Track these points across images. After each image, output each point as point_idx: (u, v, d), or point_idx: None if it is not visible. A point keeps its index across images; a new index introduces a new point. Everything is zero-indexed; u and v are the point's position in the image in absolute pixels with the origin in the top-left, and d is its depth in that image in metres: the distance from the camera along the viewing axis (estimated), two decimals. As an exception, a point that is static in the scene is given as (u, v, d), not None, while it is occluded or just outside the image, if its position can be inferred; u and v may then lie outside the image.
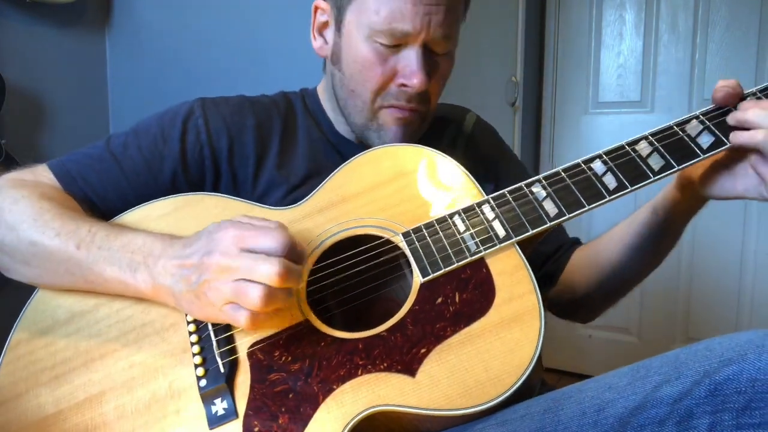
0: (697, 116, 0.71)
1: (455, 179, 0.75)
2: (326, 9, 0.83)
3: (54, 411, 0.65)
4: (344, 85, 0.82)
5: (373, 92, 0.80)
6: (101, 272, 0.67)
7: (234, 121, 0.84)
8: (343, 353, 0.63)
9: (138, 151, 0.81)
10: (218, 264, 0.59)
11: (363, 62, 0.78)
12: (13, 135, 1.72)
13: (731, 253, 2.18)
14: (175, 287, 0.63)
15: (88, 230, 0.69)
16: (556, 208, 0.69)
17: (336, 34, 0.82)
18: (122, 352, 0.68)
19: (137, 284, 0.66)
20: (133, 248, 0.67)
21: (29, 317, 0.72)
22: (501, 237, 0.68)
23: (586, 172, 0.70)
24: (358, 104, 0.82)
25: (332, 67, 0.84)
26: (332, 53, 0.83)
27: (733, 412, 0.49)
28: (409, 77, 0.77)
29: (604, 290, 0.89)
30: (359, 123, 0.83)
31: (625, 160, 0.70)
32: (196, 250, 0.62)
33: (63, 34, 1.89)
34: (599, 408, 0.54)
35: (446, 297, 0.66)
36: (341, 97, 0.84)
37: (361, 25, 0.77)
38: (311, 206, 0.76)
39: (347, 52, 0.80)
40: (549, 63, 2.44)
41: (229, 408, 0.62)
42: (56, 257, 0.69)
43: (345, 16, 0.79)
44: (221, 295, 0.59)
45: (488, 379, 0.59)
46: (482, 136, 1.00)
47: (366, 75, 0.79)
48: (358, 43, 0.78)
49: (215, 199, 0.78)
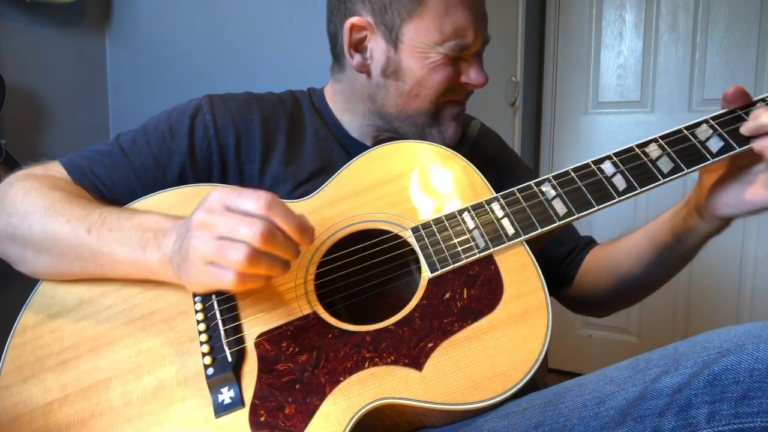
0: (707, 120, 0.71)
1: (465, 176, 0.76)
2: (365, 25, 0.83)
3: (59, 396, 0.65)
4: (404, 92, 0.85)
5: (440, 94, 0.85)
6: (112, 252, 0.68)
7: (241, 117, 0.85)
8: (350, 346, 0.64)
9: (147, 146, 0.82)
10: (198, 220, 0.60)
11: (430, 72, 0.83)
12: (13, 135, 1.72)
13: (731, 253, 2.18)
14: (173, 255, 0.64)
15: (99, 215, 0.70)
16: (566, 207, 0.70)
17: (390, 50, 0.84)
18: (129, 339, 0.68)
19: (147, 260, 0.66)
20: (145, 227, 0.68)
21: (36, 302, 0.72)
22: (510, 235, 0.69)
23: (597, 173, 0.71)
24: (423, 105, 0.85)
25: (384, 79, 0.86)
26: (385, 67, 0.85)
27: (732, 402, 0.50)
28: (475, 79, 0.85)
29: (619, 297, 0.92)
30: (420, 122, 0.87)
31: (635, 163, 0.70)
32: (188, 218, 0.64)
33: (63, 34, 1.89)
34: (600, 400, 0.54)
35: (454, 293, 0.66)
36: (396, 104, 0.86)
37: (426, 43, 0.81)
38: (321, 200, 0.77)
39: (411, 64, 0.83)
40: (549, 63, 2.44)
41: (235, 397, 0.62)
42: (67, 243, 0.69)
43: (402, 33, 0.82)
44: (200, 252, 0.59)
45: (495, 375, 0.59)
46: (486, 141, 1.02)
47: (433, 80, 0.83)
48: (423, 57, 0.82)
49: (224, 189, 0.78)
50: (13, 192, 0.75)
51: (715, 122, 0.71)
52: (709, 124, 0.71)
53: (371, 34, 0.84)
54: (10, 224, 0.73)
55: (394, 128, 0.88)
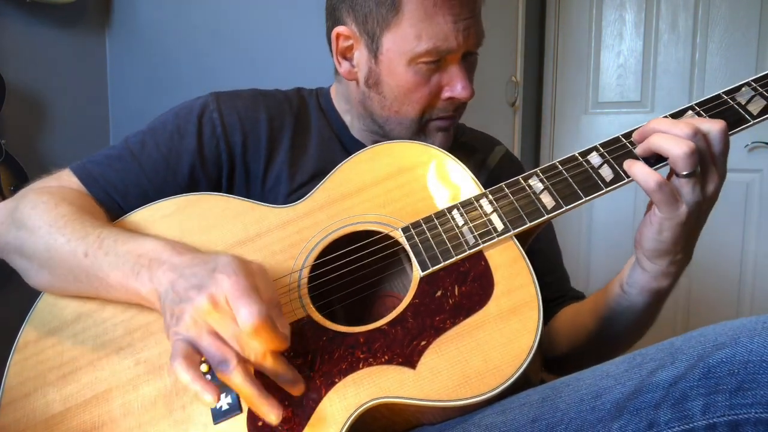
0: (693, 107, 0.71)
1: (454, 174, 0.76)
2: (350, 34, 0.82)
3: (61, 409, 0.66)
4: (386, 107, 0.83)
5: (421, 111, 0.82)
6: (105, 277, 0.67)
7: (248, 115, 0.85)
8: (344, 347, 0.64)
9: (156, 148, 0.82)
10: (201, 305, 0.57)
11: (408, 86, 0.80)
12: (13, 135, 1.73)
13: (731, 253, 2.18)
14: (163, 295, 0.62)
15: (96, 236, 0.69)
16: (554, 200, 0.69)
17: (371, 60, 0.82)
18: (128, 350, 0.68)
19: (138, 287, 0.65)
20: (140, 251, 0.66)
21: (37, 318, 0.73)
22: (499, 230, 0.69)
23: (584, 165, 0.71)
24: (404, 122, 0.84)
25: (367, 89, 0.84)
26: (367, 78, 0.83)
27: (727, 394, 0.50)
28: (458, 91, 0.80)
29: (578, 354, 0.85)
30: (405, 136, 0.85)
31: (622, 153, 0.70)
32: (194, 274, 0.60)
33: (63, 34, 1.89)
34: (596, 394, 0.55)
35: (446, 290, 0.66)
36: (381, 116, 0.85)
37: (403, 51, 0.78)
38: (312, 204, 0.77)
39: (389, 77, 0.81)
40: (549, 63, 2.44)
41: (233, 403, 0.62)
42: (66, 264, 0.69)
43: (381, 43, 0.80)
44: (191, 333, 0.57)
45: (487, 370, 0.59)
46: (508, 170, 0.97)
47: (412, 97, 0.81)
48: (401, 68, 0.79)
49: (217, 198, 0.78)
50: (23, 205, 0.75)
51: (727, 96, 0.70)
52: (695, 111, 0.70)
53: (356, 43, 0.83)
54: (19, 237, 0.73)
55: (386, 133, 0.87)
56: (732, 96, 0.70)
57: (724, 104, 0.70)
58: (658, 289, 0.72)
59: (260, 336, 0.55)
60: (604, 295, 0.78)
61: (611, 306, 0.77)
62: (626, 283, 0.74)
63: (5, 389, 0.69)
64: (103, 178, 0.80)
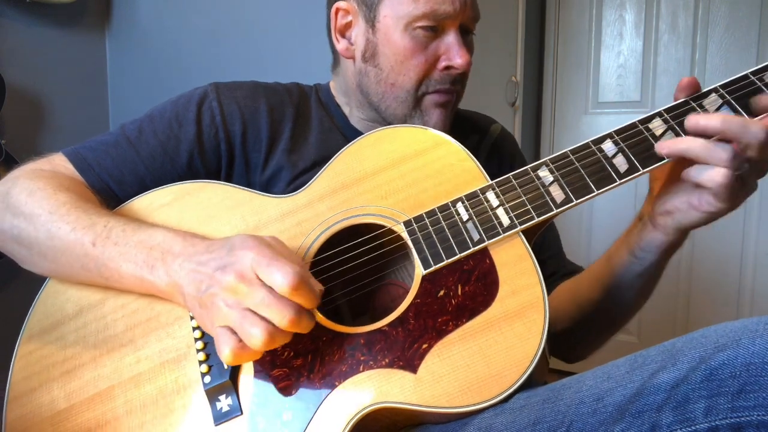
0: (716, 89, 0.66)
1: (459, 162, 0.73)
2: (349, 9, 0.83)
3: (66, 406, 0.66)
4: (382, 80, 0.83)
5: (417, 81, 0.81)
6: (117, 269, 0.66)
7: (247, 105, 0.84)
8: (344, 349, 0.63)
9: (153, 135, 0.81)
10: (229, 283, 0.57)
11: (405, 53, 0.80)
12: (13, 135, 1.72)
13: (731, 253, 2.18)
14: (187, 288, 0.61)
15: (104, 225, 0.68)
16: (564, 193, 0.66)
17: (368, 31, 0.83)
18: (129, 347, 0.68)
19: (154, 281, 0.64)
20: (151, 244, 0.66)
21: (39, 312, 0.72)
22: (505, 226, 0.66)
23: (596, 153, 0.67)
24: (400, 95, 0.83)
25: (364, 64, 0.84)
26: (364, 51, 0.84)
27: (729, 396, 0.50)
28: (453, 58, 0.80)
29: (582, 329, 0.85)
30: (401, 114, 0.84)
31: (638, 140, 0.65)
32: (214, 258, 0.60)
33: (63, 34, 1.89)
34: (598, 397, 0.54)
35: (448, 289, 0.64)
36: (377, 92, 0.84)
37: (400, 16, 0.79)
38: (312, 193, 0.75)
39: (385, 46, 0.81)
40: (549, 63, 2.44)
41: (233, 404, 0.61)
42: (72, 252, 0.68)
43: (379, 11, 0.81)
44: (223, 314, 0.57)
45: (490, 376, 0.58)
46: (505, 144, 1.00)
47: (409, 65, 0.80)
48: (398, 35, 0.80)
49: (216, 187, 0.77)
50: (18, 190, 0.73)
51: (725, 90, 0.65)
52: (719, 94, 0.66)
53: (355, 18, 0.83)
54: (15, 226, 0.72)
55: (383, 118, 0.86)
56: (760, 76, 0.65)
57: (751, 84, 0.65)
58: (675, 243, 0.71)
59: (300, 294, 0.56)
60: (608, 266, 0.78)
61: (620, 274, 0.76)
62: (640, 248, 0.73)
63: (11, 383, 0.68)
64: (99, 164, 0.79)
